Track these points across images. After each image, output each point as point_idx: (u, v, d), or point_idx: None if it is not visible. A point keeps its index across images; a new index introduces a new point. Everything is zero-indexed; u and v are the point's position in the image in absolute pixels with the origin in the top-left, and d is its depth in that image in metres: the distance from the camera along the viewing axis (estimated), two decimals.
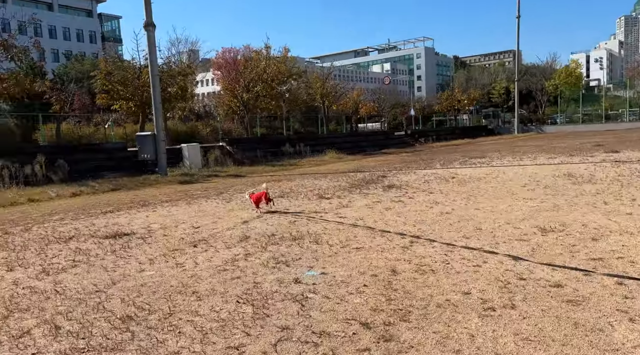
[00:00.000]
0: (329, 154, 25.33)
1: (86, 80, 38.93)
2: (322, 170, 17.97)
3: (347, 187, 11.38)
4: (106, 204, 11.20)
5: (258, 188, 9.32)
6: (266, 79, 29.56)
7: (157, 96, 18.13)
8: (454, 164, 16.13)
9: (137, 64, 24.60)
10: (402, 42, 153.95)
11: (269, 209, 8.54)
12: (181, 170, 19.05)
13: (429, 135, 40.35)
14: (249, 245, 5.95)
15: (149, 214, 9.22)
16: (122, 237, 6.95)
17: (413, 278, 4.16)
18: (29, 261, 5.80)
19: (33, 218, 9.49)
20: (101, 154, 20.46)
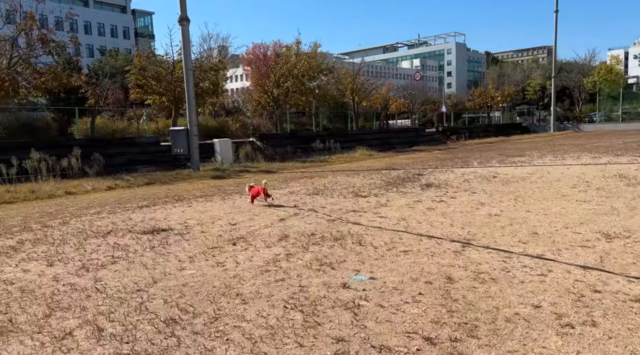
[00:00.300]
0: (359, 151, 24.99)
1: (120, 75, 39.70)
2: (353, 167, 17.68)
3: (383, 185, 11.06)
4: (141, 198, 11.21)
5: (254, 183, 9.68)
6: (297, 75, 29.38)
7: (190, 91, 18.17)
8: (493, 163, 15.57)
9: (171, 59, 24.77)
10: (432, 38, 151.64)
11: (271, 202, 9.02)
12: (213, 165, 19.08)
13: (461, 132, 39.46)
14: (289, 244, 5.73)
15: (184, 209, 9.14)
16: (160, 233, 6.85)
17: (472, 287, 3.85)
18: (68, 256, 5.74)
19: (70, 211, 9.55)
20: (134, 148, 20.68)
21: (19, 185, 13.70)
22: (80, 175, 15.69)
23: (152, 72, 24.44)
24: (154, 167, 18.54)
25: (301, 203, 9.04)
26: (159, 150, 21.28)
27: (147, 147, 21.19)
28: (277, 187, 11.91)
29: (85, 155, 16.45)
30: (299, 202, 9.21)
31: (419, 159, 20.04)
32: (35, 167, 15.05)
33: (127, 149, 20.15)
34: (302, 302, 3.75)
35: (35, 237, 6.97)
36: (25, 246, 6.42)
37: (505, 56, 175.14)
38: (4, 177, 14.31)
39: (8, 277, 4.93)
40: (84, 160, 16.23)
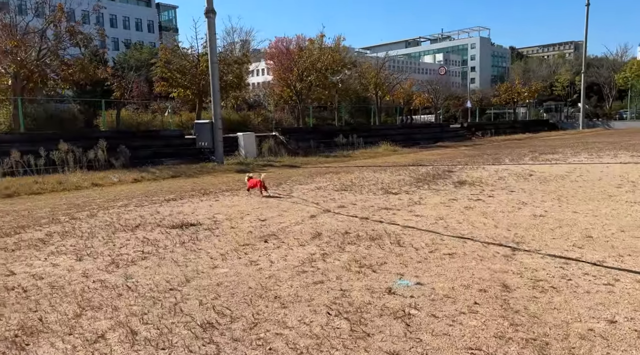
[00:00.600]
0: (383, 146, 24.59)
1: (144, 68, 40.01)
2: (378, 162, 17.32)
3: (413, 182, 10.71)
4: (168, 191, 11.11)
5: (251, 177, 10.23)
6: (320, 68, 29.04)
7: (215, 84, 18.04)
8: (525, 160, 15.04)
9: (195, 52, 24.72)
10: (456, 32, 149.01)
11: (267, 195, 9.60)
12: (236, 159, 18.97)
13: (486, 128, 38.62)
14: (324, 243, 5.48)
15: (211, 203, 8.97)
16: (189, 228, 6.67)
17: (533, 297, 3.53)
18: (97, 250, 5.60)
19: (98, 203, 9.49)
20: (159, 140, 20.69)
21: (46, 176, 13.78)
22: (106, 167, 15.73)
23: (177, 65, 24.45)
24: (179, 160, 18.52)
25: (330, 199, 8.78)
26: (184, 143, 21.27)
27: (171, 140, 21.19)
28: (303, 182, 11.68)
29: (111, 148, 16.50)
30: (327, 198, 8.95)
31: (446, 155, 19.56)
32: (63, 158, 15.14)
33: (152, 141, 20.18)
34: (346, 309, 3.49)
35: (63, 230, 6.88)
36: (53, 239, 6.32)
37: (530, 51, 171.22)
38: (32, 168, 14.42)
39: (37, 272, 4.80)
40: (110, 152, 16.27)
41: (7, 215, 8.34)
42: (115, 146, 16.77)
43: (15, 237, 6.51)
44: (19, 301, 3.96)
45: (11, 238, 6.46)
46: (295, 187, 10.77)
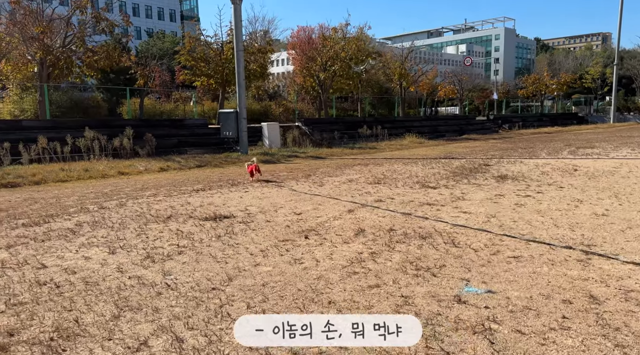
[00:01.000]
0: (408, 138, 24.04)
1: (166, 57, 40.01)
2: (407, 155, 16.82)
3: (450, 176, 10.22)
4: (195, 181, 10.85)
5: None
6: (344, 58, 28.46)
7: (241, 72, 17.71)
8: (564, 154, 14.37)
9: (220, 40, 24.42)
10: (480, 22, 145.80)
11: (258, 178, 10.37)
12: (260, 149, 18.67)
13: (513, 121, 37.57)
14: (369, 241, 5.09)
15: (242, 194, 8.66)
16: (223, 220, 6.35)
17: (630, 311, 3.09)
18: (130, 243, 5.32)
19: (126, 192, 9.26)
20: (183, 129, 20.51)
21: (72, 163, 13.69)
22: (131, 155, 15.60)
23: (201, 54, 24.20)
24: (203, 150, 18.32)
25: (364, 193, 8.37)
26: (207, 133, 21.06)
27: (195, 130, 20.99)
28: (333, 175, 11.29)
29: (136, 136, 16.35)
30: (362, 191, 8.55)
31: (477, 148, 18.93)
32: (88, 146, 15.05)
33: (176, 130, 20.02)
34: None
35: (93, 220, 6.63)
36: (84, 229, 6.07)
37: (556, 43, 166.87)
38: (58, 155, 14.35)
39: (69, 265, 4.52)
40: (135, 140, 16.13)
41: (36, 203, 8.16)
42: (140, 134, 16.62)
43: (45, 226, 6.29)
44: (52, 298, 3.68)
45: (40, 227, 6.24)
46: (326, 180, 10.39)
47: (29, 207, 7.76)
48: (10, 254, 4.98)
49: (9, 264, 4.62)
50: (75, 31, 18.35)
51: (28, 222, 6.54)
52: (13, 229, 6.18)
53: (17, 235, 5.79)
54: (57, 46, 18.20)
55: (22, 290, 3.87)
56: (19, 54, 18.11)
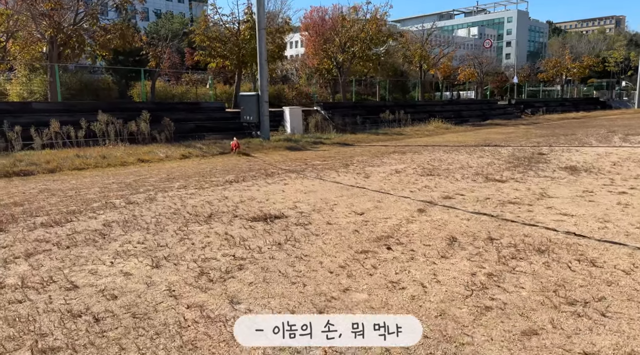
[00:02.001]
0: (434, 123, 22.92)
1: (176, 38, 38.86)
2: (440, 141, 15.75)
3: (509, 167, 9.20)
4: (224, 170, 9.90)
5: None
6: (364, 39, 27.14)
7: (263, 52, 16.59)
8: (615, 141, 13.26)
9: (236, 18, 23.23)
10: (492, 5, 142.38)
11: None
12: (282, 135, 17.65)
13: (536, 106, 36.22)
14: (473, 255, 4.12)
15: (282, 187, 7.71)
16: (275, 221, 5.41)
17: None
18: (175, 251, 4.39)
19: (151, 183, 8.34)
20: (200, 113, 19.52)
21: (87, 149, 12.78)
22: (149, 140, 14.66)
23: (217, 34, 23.08)
24: (221, 135, 17.33)
25: (423, 187, 7.39)
26: (224, 117, 20.07)
27: (212, 114, 20.00)
28: (373, 164, 10.28)
29: (152, 120, 15.39)
30: (419, 185, 7.57)
31: (512, 134, 17.81)
32: (103, 130, 14.13)
33: (192, 114, 19.03)
34: None
35: (123, 219, 5.71)
36: (114, 231, 5.15)
37: (568, 26, 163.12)
38: (72, 140, 13.44)
39: (107, 285, 3.60)
40: (152, 125, 15.17)
41: (53, 196, 7.26)
42: (155, 118, 15.65)
43: (67, 227, 5.38)
44: (92, 341, 2.75)
45: (62, 228, 5.33)
46: (369, 170, 9.41)
47: (46, 201, 6.85)
48: (31, 266, 4.07)
49: (31, 281, 3.71)
50: (87, 8, 17.28)
51: (47, 221, 5.63)
52: (31, 229, 5.27)
53: (37, 239, 4.88)
54: (68, 24, 17.15)
55: (51, 326, 2.95)
56: (28, 33, 17.11)
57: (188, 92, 33.33)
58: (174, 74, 37.04)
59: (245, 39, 22.29)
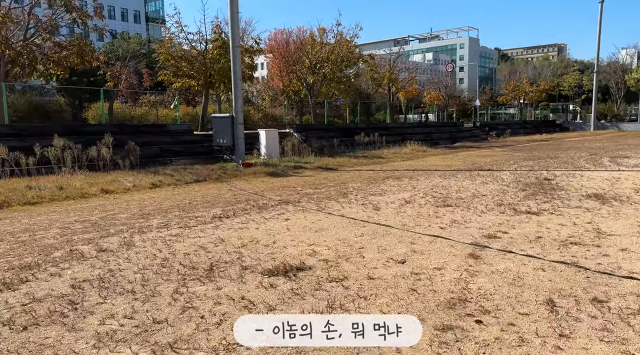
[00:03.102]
0: (409, 146, 22.39)
1: (134, 59, 37.26)
2: (425, 165, 15.02)
3: (524, 195, 8.42)
4: (205, 201, 8.60)
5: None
6: (335, 60, 26.56)
7: (237, 71, 15.49)
8: (609, 165, 12.91)
9: (204, 37, 22.04)
10: (445, 32, 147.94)
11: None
12: (258, 159, 16.46)
13: (500, 128, 36.75)
14: (598, 329, 3.12)
15: (283, 223, 6.54)
16: (298, 276, 4.25)
17: None
18: (181, 333, 3.14)
19: (123, 221, 6.95)
20: (166, 136, 18.02)
21: (41, 178, 11.14)
22: (111, 167, 13.11)
23: (182, 52, 21.79)
24: (190, 160, 15.98)
25: (451, 221, 6.42)
26: (193, 140, 18.67)
27: (179, 137, 18.54)
28: (374, 192, 9.28)
29: (115, 144, 13.85)
30: (443, 219, 6.61)
31: (494, 157, 17.38)
32: (59, 156, 12.49)
33: (158, 137, 17.51)
34: None
35: (96, 275, 4.39)
36: (88, 297, 3.83)
37: (515, 53, 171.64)
38: (22, 168, 11.73)
39: None
40: (114, 149, 13.64)
41: (1, 242, 5.77)
42: (118, 143, 14.12)
43: (22, 291, 4.01)
44: None
45: (15, 293, 3.96)
46: (372, 200, 8.40)
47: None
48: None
49: None
50: (39, 22, 15.65)
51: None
52: None
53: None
54: (17, 39, 15.44)
55: None
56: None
57: (148, 113, 31.57)
58: (132, 96, 35.22)
59: (214, 59, 21.13)
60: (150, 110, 31.99)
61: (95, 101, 29.45)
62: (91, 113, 28.34)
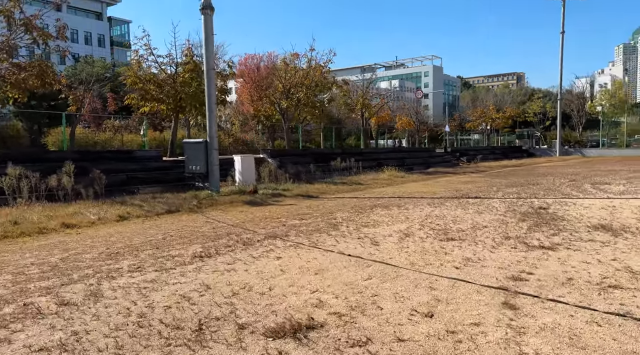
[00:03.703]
0: (387, 172, 22.01)
1: (98, 83, 36.11)
2: (408, 192, 14.55)
3: (528, 226, 7.95)
4: (181, 237, 7.72)
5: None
6: (309, 85, 26.20)
7: (212, 94, 14.75)
8: (593, 192, 12.75)
9: (174, 60, 21.23)
10: (409, 60, 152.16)
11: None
12: (234, 187, 15.57)
13: (470, 154, 37.15)
14: None
15: (276, 263, 5.77)
16: (310, 338, 3.49)
17: None
18: None
19: (89, 263, 6.01)
20: (132, 163, 16.95)
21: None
22: (73, 197, 11.98)
23: (151, 76, 20.89)
24: (160, 188, 14.98)
25: (464, 259, 5.81)
26: (162, 167, 17.66)
27: (147, 163, 17.50)
28: (366, 224, 8.63)
29: (78, 172, 12.74)
30: (452, 256, 6.00)
31: (474, 183, 17.12)
32: (14, 186, 11.30)
33: (124, 164, 16.43)
34: None
35: (57, 340, 3.51)
36: None
37: (476, 81, 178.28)
38: None
39: None
40: (76, 178, 12.52)
41: None
42: (81, 170, 13.02)
43: None
44: None
45: None
46: (366, 232, 7.74)
47: None
48: None
49: None
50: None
51: None
52: None
53: None
54: None
55: None
56: None
57: (113, 139, 30.19)
58: (95, 120, 33.77)
59: (185, 82, 20.31)
60: (114, 135, 30.64)
61: (56, 126, 27.95)
62: (51, 139, 26.82)
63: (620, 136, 47.90)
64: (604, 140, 48.74)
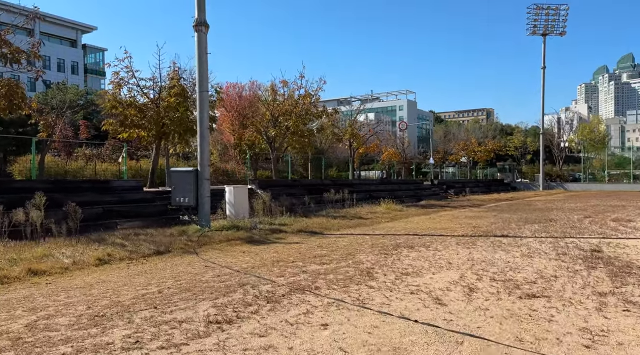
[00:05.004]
0: (383, 205, 20.70)
1: (70, 109, 34.30)
2: (419, 228, 13.21)
3: (608, 277, 6.67)
4: (183, 290, 6.08)
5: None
6: (299, 113, 25.04)
7: (205, 119, 13.31)
8: (616, 227, 11.72)
9: (158, 83, 19.73)
10: (384, 94, 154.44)
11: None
12: (225, 221, 13.92)
13: (456, 187, 36.43)
14: None
15: (325, 333, 4.25)
16: None
17: None
18: None
19: (63, 334, 4.35)
20: (109, 195, 15.04)
21: None
22: (42, 234, 10.13)
23: (133, 100, 19.30)
24: (141, 222, 13.27)
25: (576, 331, 4.43)
26: (144, 199, 15.82)
27: (126, 194, 15.60)
28: (402, 270, 7.19)
29: (49, 205, 10.92)
30: (556, 322, 4.61)
31: (481, 219, 15.97)
32: None
33: (101, 196, 14.53)
34: None
35: None
36: None
37: (447, 116, 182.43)
38: None
39: None
40: (47, 211, 10.69)
41: None
42: (53, 203, 11.21)
43: None
44: None
45: None
46: (410, 282, 6.33)
47: None
48: None
49: None
50: None
51: None
52: None
53: None
54: None
55: None
56: None
57: (85, 168, 28.08)
58: (65, 148, 31.55)
59: (170, 107, 18.79)
60: (86, 164, 28.56)
61: (23, 154, 25.83)
62: (17, 167, 24.65)
63: (600, 171, 48.36)
64: (581, 175, 49.09)
